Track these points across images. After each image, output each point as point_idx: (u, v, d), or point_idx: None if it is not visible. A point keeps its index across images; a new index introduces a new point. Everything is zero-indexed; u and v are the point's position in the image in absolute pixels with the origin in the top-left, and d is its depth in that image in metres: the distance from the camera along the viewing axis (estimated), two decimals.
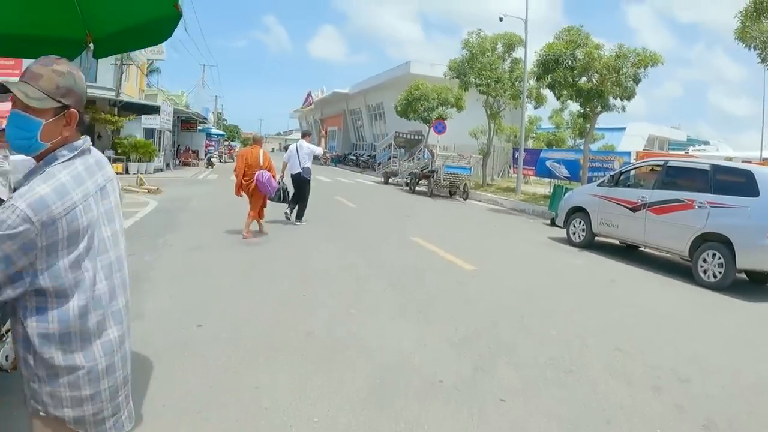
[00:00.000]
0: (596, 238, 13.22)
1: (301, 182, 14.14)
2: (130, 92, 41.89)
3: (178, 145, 49.01)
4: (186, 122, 50.62)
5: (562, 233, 14.40)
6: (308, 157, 14.28)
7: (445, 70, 29.56)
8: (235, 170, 12.48)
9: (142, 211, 15.20)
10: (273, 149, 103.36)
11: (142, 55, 47.59)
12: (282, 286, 8.11)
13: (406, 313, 7.01)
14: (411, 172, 28.56)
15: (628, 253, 13.00)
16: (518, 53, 28.21)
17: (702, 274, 10.01)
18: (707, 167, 10.79)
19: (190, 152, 46.70)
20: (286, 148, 15.23)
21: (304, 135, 15.47)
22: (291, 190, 13.93)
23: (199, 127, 56.87)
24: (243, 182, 12.17)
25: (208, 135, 66.12)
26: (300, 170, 14.06)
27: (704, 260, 10.03)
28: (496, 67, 27.20)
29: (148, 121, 33.04)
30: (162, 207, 16.39)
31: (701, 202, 10.29)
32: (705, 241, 10.16)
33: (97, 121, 29.80)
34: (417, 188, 27.65)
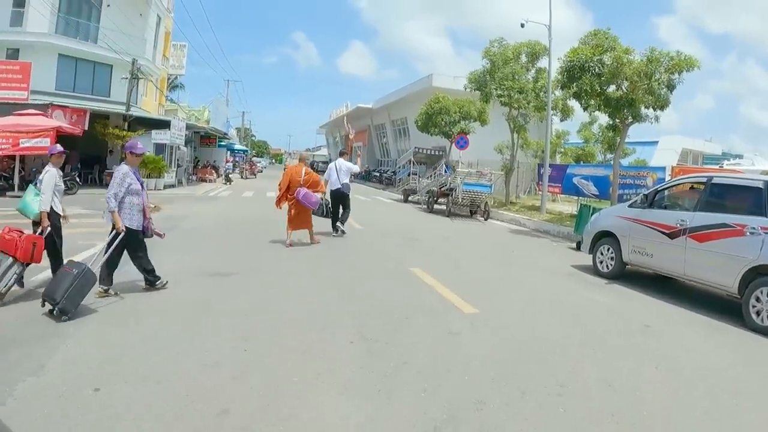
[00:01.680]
0: (627, 266, 11.29)
1: (342, 197, 15.55)
2: (149, 107, 41.41)
3: (197, 160, 48.59)
4: (206, 137, 50.32)
5: (588, 260, 12.51)
6: (347, 174, 15.76)
7: (465, 83, 27.78)
8: (279, 185, 13.88)
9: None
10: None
11: (162, 70, 47.17)
12: (223, 335, 6.51)
13: (365, 383, 5.29)
14: (429, 190, 26.78)
15: (665, 285, 11.01)
16: (543, 63, 26.39)
17: (755, 317, 8.10)
18: (760, 185, 8.81)
19: (210, 168, 45.64)
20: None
21: (342, 154, 16.89)
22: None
23: (222, 143, 56.35)
24: (287, 196, 13.52)
25: (232, 151, 65.62)
26: (340, 186, 15.49)
27: (757, 299, 8.10)
28: (518, 77, 25.40)
29: (158, 136, 32.04)
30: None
31: (754, 228, 8.34)
32: (759, 275, 8.22)
33: (105, 136, 29.17)
34: (436, 207, 25.85)
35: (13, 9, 32.48)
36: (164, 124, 33.19)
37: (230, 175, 44.12)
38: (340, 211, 15.62)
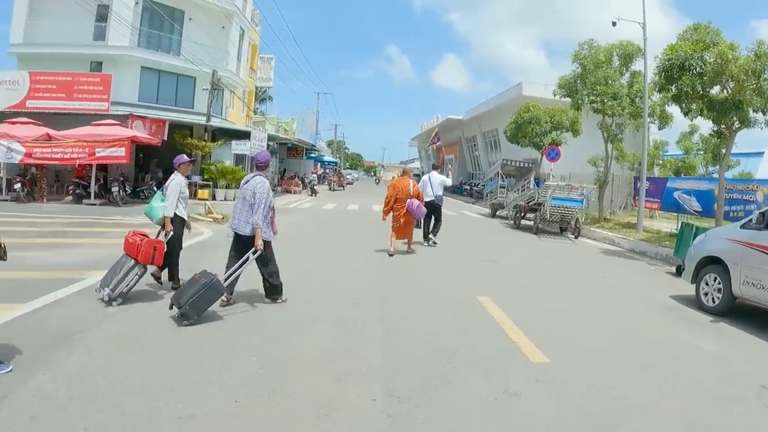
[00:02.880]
0: (737, 301, 9.37)
1: (435, 209, 16.27)
2: (236, 119, 41.99)
3: (284, 171, 49.38)
4: (293, 149, 50.68)
5: (690, 289, 10.64)
6: (440, 187, 16.63)
7: (554, 89, 25.84)
8: (386, 197, 14.53)
9: None
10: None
11: (249, 82, 47.46)
12: (232, 380, 5.39)
13: None
14: (516, 205, 25.06)
15: None
16: (637, 66, 24.26)
17: None
18: None
19: (297, 179, 45.82)
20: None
21: (435, 167, 18.18)
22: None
23: (312, 154, 56.40)
24: (394, 207, 14.30)
25: (321, 162, 65.71)
26: (433, 198, 16.11)
27: None
28: (611, 82, 23.42)
29: (238, 146, 32.11)
30: (207, 241, 15.10)
31: None
32: None
33: (185, 146, 29.16)
34: (523, 223, 24.13)
35: (96, 23, 33.15)
36: (245, 135, 33.06)
37: (315, 187, 43.72)
38: (431, 222, 16.31)
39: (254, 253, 8.05)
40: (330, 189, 54.07)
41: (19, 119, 25.79)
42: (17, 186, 23.52)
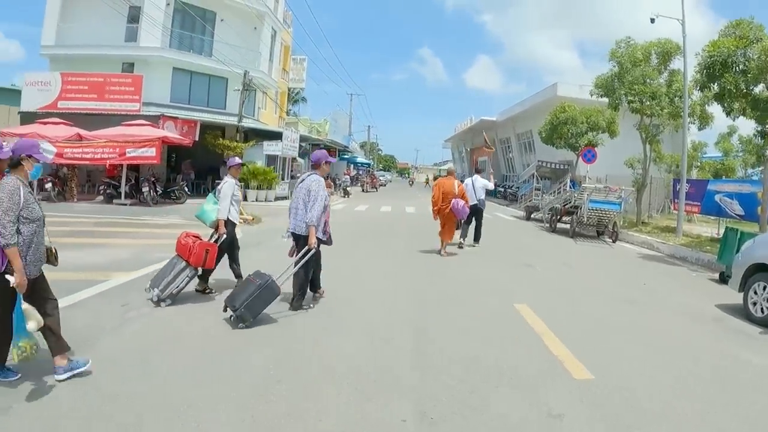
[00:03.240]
0: None
1: (477, 212, 16.77)
2: (268, 120, 42.03)
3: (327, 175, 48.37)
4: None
5: (735, 296, 10.17)
6: (482, 190, 17.27)
7: (591, 88, 25.28)
8: (433, 198, 14.83)
9: None
10: (427, 179, 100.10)
11: (281, 83, 47.47)
12: (246, 395, 4.95)
13: None
14: (552, 207, 24.56)
15: None
16: (675, 64, 23.62)
17: None
18: None
19: (329, 180, 45.10)
20: (436, 179, 15.77)
21: (478, 171, 18.70)
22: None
23: (345, 155, 56.40)
24: (441, 207, 14.42)
25: (354, 164, 65.62)
26: (476, 201, 16.67)
27: None
28: (650, 81, 22.78)
29: (270, 147, 32.17)
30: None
31: None
32: None
33: (216, 147, 29.52)
34: (559, 226, 23.63)
35: (128, 25, 33.09)
36: (277, 136, 33.08)
37: (348, 188, 43.47)
38: (471, 226, 16.82)
39: (308, 251, 8.02)
40: (363, 190, 54.16)
41: (50, 120, 26.01)
42: (48, 186, 23.69)
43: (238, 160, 9.36)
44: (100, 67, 31.25)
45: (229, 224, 8.90)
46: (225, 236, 8.76)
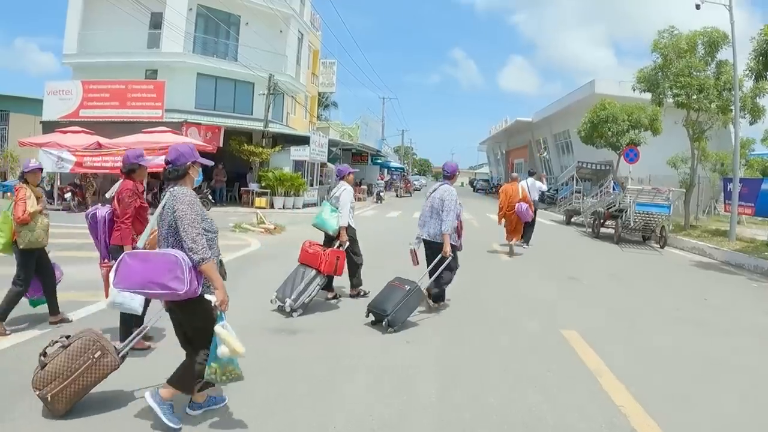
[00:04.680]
0: None
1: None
2: (298, 125, 41.35)
3: (361, 180, 48.66)
4: (357, 155, 49.93)
5: None
6: (537, 192, 18.09)
7: (634, 83, 23.63)
8: (499, 203, 15.66)
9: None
10: (462, 183, 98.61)
11: (312, 87, 46.91)
12: None
13: None
14: (594, 211, 23.06)
15: None
16: (723, 55, 21.80)
17: None
18: None
19: (360, 186, 44.94)
20: (471, 183, 15.37)
21: (531, 174, 20.61)
22: None
23: (378, 160, 55.70)
24: (506, 212, 15.44)
25: (388, 168, 64.71)
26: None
27: None
28: (697, 73, 21.13)
29: (297, 152, 31.22)
30: (253, 254, 13.89)
31: None
32: None
33: (241, 153, 29.20)
34: (602, 231, 22.11)
35: (150, 31, 32.90)
36: (305, 141, 32.04)
37: (382, 194, 42.70)
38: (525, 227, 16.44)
39: (443, 259, 8.29)
40: (397, 195, 53.67)
41: (70, 128, 25.70)
42: (68, 195, 23.52)
43: (349, 167, 9.71)
44: (124, 75, 30.76)
45: (350, 229, 9.10)
46: (348, 242, 8.91)
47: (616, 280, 12.79)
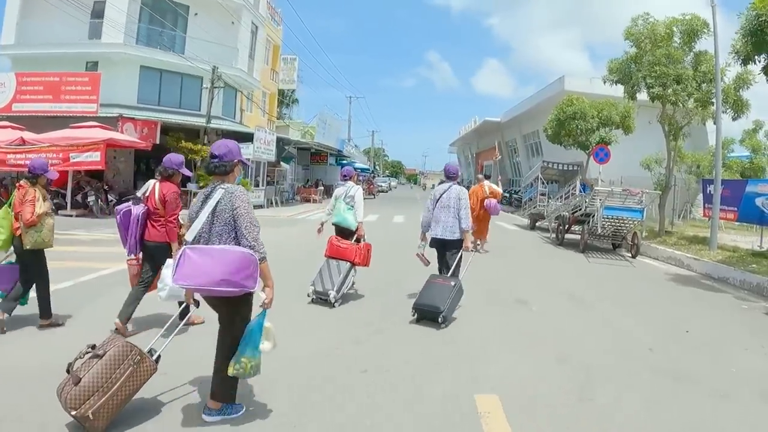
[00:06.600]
0: None
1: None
2: (255, 123, 39.31)
3: (307, 179, 48.98)
4: (315, 155, 48.28)
5: None
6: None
7: (605, 74, 21.37)
8: (471, 206, 12.48)
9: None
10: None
11: (272, 84, 45.34)
12: None
13: None
14: (558, 215, 20.83)
15: None
16: (703, 46, 19.61)
17: None
18: None
19: (320, 186, 44.93)
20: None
21: (487, 177, 20.12)
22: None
23: (343, 161, 54.51)
24: (479, 213, 15.19)
25: (354, 169, 62.85)
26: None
27: None
28: (675, 61, 18.85)
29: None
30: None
31: None
32: None
33: (177, 150, 26.19)
34: (568, 236, 20.13)
35: (91, 20, 31.12)
36: (249, 137, 29.93)
37: None
38: None
39: (462, 254, 8.72)
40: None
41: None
42: (91, 199, 22.82)
43: (352, 169, 10.33)
44: (64, 67, 28.95)
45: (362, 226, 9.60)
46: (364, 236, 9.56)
47: (575, 303, 10.35)
